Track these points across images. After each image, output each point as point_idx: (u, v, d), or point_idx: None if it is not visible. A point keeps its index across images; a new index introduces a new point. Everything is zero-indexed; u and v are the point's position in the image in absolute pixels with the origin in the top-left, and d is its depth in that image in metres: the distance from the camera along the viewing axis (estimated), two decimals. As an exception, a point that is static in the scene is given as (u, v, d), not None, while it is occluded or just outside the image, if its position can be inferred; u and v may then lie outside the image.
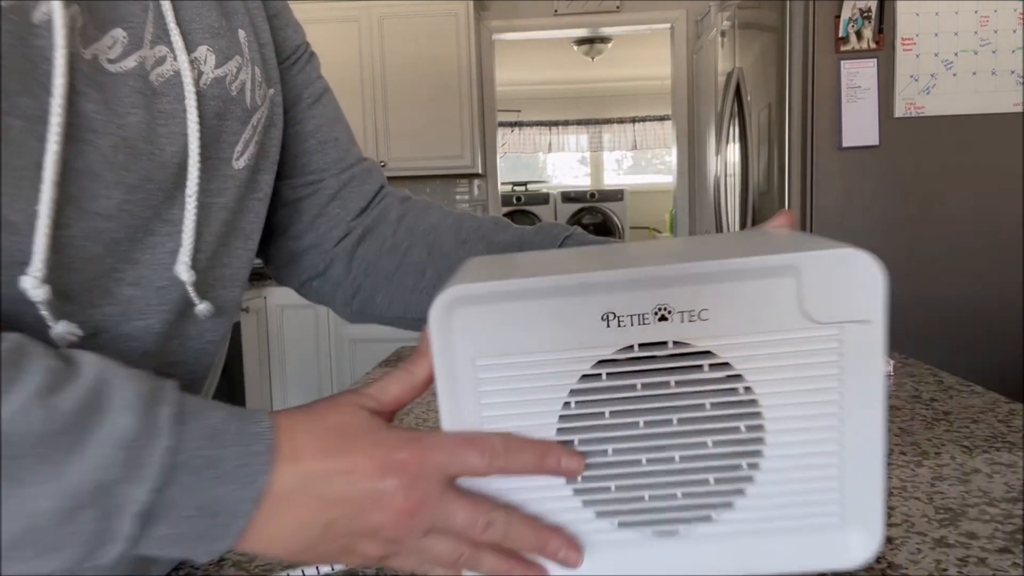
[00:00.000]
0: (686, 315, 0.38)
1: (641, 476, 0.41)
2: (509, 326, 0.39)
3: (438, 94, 3.55)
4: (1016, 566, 0.50)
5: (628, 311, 0.38)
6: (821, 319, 0.38)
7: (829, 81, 2.05)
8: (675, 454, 0.40)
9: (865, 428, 0.39)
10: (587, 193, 6.75)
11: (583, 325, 0.38)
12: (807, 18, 2.06)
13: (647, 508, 0.41)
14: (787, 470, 0.40)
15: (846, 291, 0.37)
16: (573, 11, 3.79)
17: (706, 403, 0.39)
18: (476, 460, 0.38)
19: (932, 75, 2.00)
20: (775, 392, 0.39)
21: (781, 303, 0.38)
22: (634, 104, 7.36)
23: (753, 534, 0.41)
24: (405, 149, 3.58)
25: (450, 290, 0.38)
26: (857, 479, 0.40)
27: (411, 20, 3.52)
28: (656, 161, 7.58)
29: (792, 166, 2.16)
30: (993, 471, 0.68)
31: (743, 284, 0.38)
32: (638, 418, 0.40)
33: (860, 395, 0.39)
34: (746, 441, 0.40)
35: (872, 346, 0.38)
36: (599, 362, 0.39)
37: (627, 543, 0.41)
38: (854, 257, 0.37)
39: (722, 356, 0.39)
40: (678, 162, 3.94)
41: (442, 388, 0.40)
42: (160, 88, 0.44)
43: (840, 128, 2.05)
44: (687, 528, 0.41)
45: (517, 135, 7.48)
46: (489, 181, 3.97)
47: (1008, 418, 0.84)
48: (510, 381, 0.40)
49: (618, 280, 0.38)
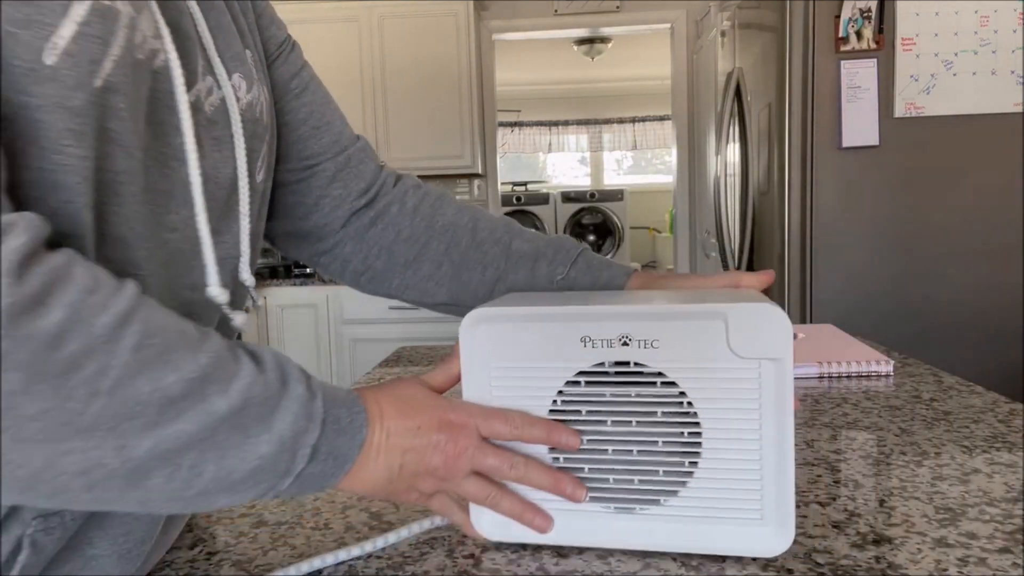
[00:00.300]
0: (642, 343, 0.51)
1: (607, 463, 0.53)
2: (515, 340, 0.54)
3: (438, 94, 3.55)
4: (1016, 566, 0.50)
5: (600, 336, 0.52)
6: (743, 355, 0.50)
7: (829, 81, 2.05)
8: (633, 448, 0.53)
9: (779, 445, 0.50)
10: (587, 193, 6.75)
11: (567, 344, 0.53)
12: (807, 18, 2.06)
13: (611, 488, 0.53)
14: (718, 471, 0.51)
15: (761, 335, 0.49)
16: (573, 11, 3.79)
17: (658, 411, 0.52)
18: (503, 427, 0.51)
19: (932, 75, 2.00)
20: (709, 408, 0.51)
21: (713, 340, 0.50)
22: (634, 104, 7.36)
23: (692, 519, 0.52)
24: (405, 149, 3.58)
25: (477, 311, 0.54)
26: (773, 485, 0.50)
27: (411, 20, 3.52)
28: (656, 161, 7.57)
29: (792, 166, 2.16)
30: (993, 471, 0.68)
31: (685, 323, 0.50)
32: (607, 418, 0.53)
33: (775, 418, 0.50)
34: (687, 444, 0.52)
35: (783, 379, 0.49)
36: (579, 372, 0.53)
37: (595, 515, 0.54)
38: (767, 311, 0.49)
39: (670, 376, 0.51)
40: (678, 162, 3.94)
41: (466, 381, 0.55)
42: (212, 116, 0.49)
43: (840, 128, 2.05)
44: (641, 508, 0.53)
45: (517, 135, 7.47)
46: (489, 181, 3.97)
47: (1008, 418, 0.84)
48: (514, 380, 0.54)
49: (592, 313, 0.52)
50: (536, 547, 0.56)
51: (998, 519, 0.58)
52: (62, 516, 0.42)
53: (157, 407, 0.35)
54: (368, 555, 0.56)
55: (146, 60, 0.41)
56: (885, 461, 0.72)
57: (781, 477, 0.50)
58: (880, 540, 0.55)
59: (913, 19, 1.99)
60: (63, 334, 0.32)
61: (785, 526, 0.51)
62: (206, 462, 0.38)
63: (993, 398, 0.92)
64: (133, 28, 0.40)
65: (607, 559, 0.53)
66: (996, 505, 0.60)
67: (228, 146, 0.50)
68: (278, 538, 0.59)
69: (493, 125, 3.94)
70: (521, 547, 0.56)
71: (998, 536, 0.55)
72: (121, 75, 0.39)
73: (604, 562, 0.53)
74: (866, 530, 0.57)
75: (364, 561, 0.55)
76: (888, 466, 0.70)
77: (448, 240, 0.70)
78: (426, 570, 0.53)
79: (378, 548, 0.56)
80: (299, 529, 0.61)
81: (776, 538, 0.51)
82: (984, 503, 0.61)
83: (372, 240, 0.70)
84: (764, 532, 0.51)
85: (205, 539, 0.60)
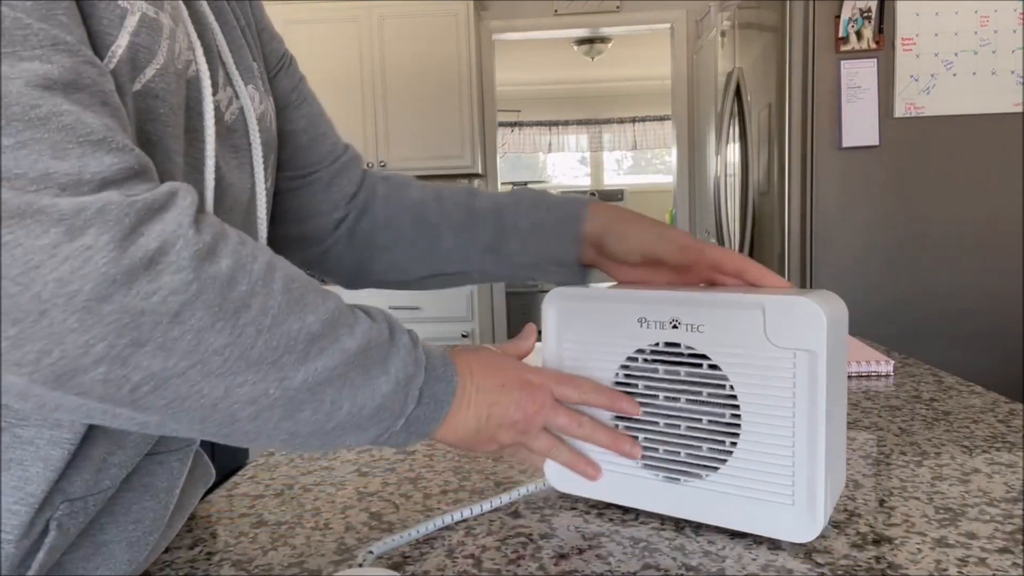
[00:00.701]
0: (690, 326, 0.56)
1: (658, 434, 0.59)
2: (583, 318, 0.61)
3: (438, 94, 3.55)
4: (1016, 566, 0.50)
5: (653, 318, 0.58)
6: (779, 344, 0.52)
7: (829, 81, 2.05)
8: (681, 423, 0.57)
9: (811, 435, 0.52)
10: (587, 193, 6.75)
11: (626, 324, 0.59)
12: (807, 18, 2.06)
13: (660, 457, 0.59)
14: (754, 452, 0.54)
15: (796, 327, 0.52)
16: (573, 11, 3.79)
17: (703, 391, 0.56)
18: (573, 392, 0.57)
19: (932, 75, 2.00)
20: (748, 392, 0.54)
21: (752, 329, 0.53)
22: (634, 104, 7.36)
23: (730, 496, 0.56)
24: (405, 149, 3.58)
25: (553, 291, 0.62)
26: (804, 472, 0.52)
27: (411, 20, 3.52)
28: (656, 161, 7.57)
29: (792, 166, 2.16)
30: (993, 471, 0.68)
31: (727, 311, 0.54)
32: (659, 393, 0.58)
33: (808, 408, 0.52)
34: (729, 424, 0.55)
35: (816, 370, 0.51)
36: (637, 350, 0.59)
37: (645, 481, 0.59)
38: (803, 304, 0.51)
39: (714, 359, 0.55)
40: (678, 162, 3.94)
41: (545, 350, 0.63)
42: (232, 125, 0.51)
43: (840, 128, 2.05)
44: (685, 479, 0.58)
45: (517, 135, 7.47)
46: (489, 181, 3.96)
47: (1008, 418, 0.84)
48: (582, 352, 0.61)
49: (647, 296, 0.58)
50: (536, 547, 0.56)
51: (998, 519, 0.58)
52: (86, 502, 0.44)
53: (304, 343, 0.40)
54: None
55: (183, 70, 0.44)
56: (885, 461, 0.72)
57: (812, 466, 0.52)
58: (880, 540, 0.55)
59: (913, 19, 1.99)
60: (233, 276, 0.37)
61: (814, 514, 0.52)
62: (343, 399, 0.42)
63: (993, 398, 0.92)
64: (173, 39, 0.43)
65: (607, 559, 0.53)
66: (996, 505, 0.60)
67: (246, 154, 0.53)
68: (278, 538, 0.60)
69: (493, 125, 3.94)
70: (521, 547, 0.56)
71: (998, 536, 0.55)
72: (162, 82, 0.42)
73: (604, 562, 0.53)
74: (866, 530, 0.57)
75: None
76: (888, 466, 0.70)
77: (417, 215, 0.73)
78: (426, 570, 0.53)
79: (486, 510, 0.63)
80: (299, 529, 0.61)
81: (805, 525, 0.53)
82: (984, 503, 0.61)
83: (359, 236, 0.74)
84: (794, 517, 0.53)
85: (205, 539, 0.60)
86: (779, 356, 0.52)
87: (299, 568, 0.54)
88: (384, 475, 0.72)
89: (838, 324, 0.54)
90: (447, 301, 3.31)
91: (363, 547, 0.57)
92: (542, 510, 0.63)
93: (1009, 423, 0.82)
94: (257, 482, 0.72)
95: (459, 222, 0.72)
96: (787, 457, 0.53)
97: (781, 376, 0.52)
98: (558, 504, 0.64)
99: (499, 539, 0.57)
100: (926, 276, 2.06)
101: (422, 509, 0.64)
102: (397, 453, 0.78)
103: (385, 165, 3.58)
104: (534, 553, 0.55)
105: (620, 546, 0.55)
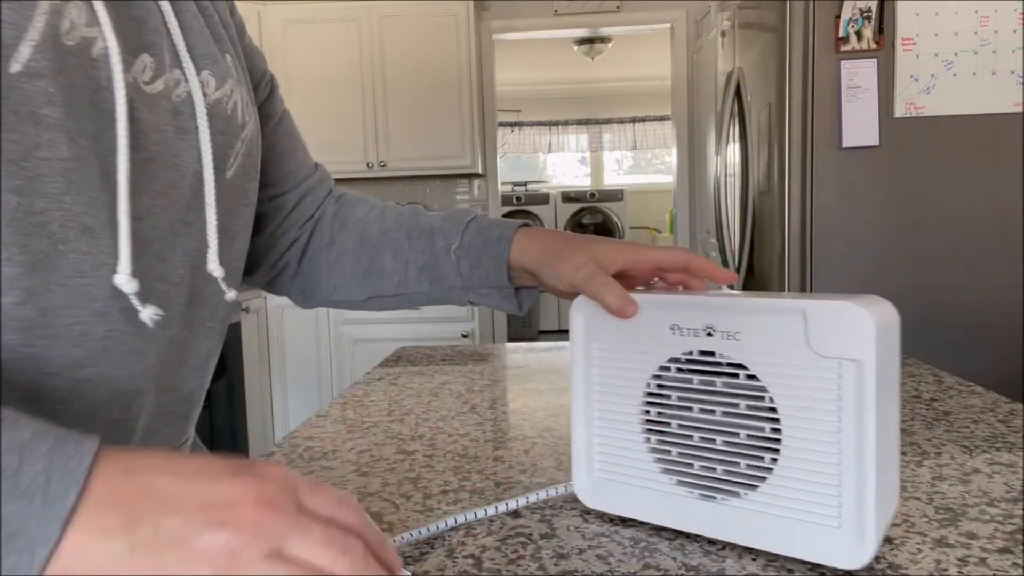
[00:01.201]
0: (725, 334, 0.52)
1: (693, 448, 0.55)
2: (613, 326, 0.57)
3: (438, 94, 3.55)
4: (1016, 566, 0.50)
5: (687, 325, 0.54)
6: (822, 353, 0.48)
7: (829, 81, 2.05)
8: (717, 438, 0.53)
9: (859, 451, 0.48)
10: (587, 193, 6.75)
11: (658, 331, 0.55)
12: (807, 18, 2.06)
13: (696, 474, 0.55)
14: (797, 470, 0.50)
15: (841, 335, 0.47)
16: (573, 11, 3.79)
17: (740, 403, 0.52)
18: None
19: (932, 75, 2.00)
20: (789, 405, 0.50)
21: (792, 337, 0.49)
22: (634, 104, 7.36)
23: (770, 517, 0.51)
24: (405, 149, 3.58)
25: (581, 296, 0.59)
26: (852, 492, 0.48)
27: (411, 20, 3.52)
28: (656, 161, 7.57)
29: (792, 166, 2.16)
30: (993, 471, 0.68)
31: (764, 317, 0.50)
32: (694, 405, 0.54)
33: (855, 423, 0.47)
34: (768, 439, 0.51)
35: (864, 382, 0.47)
36: (670, 359, 0.55)
37: (679, 498, 0.55)
38: (849, 310, 0.47)
39: (752, 369, 0.51)
40: (678, 162, 3.94)
41: (572, 363, 0.60)
42: (178, 107, 0.51)
43: (840, 128, 2.05)
44: (722, 498, 0.53)
45: (517, 135, 7.47)
46: (489, 181, 3.97)
47: (1008, 418, 0.84)
48: (612, 362, 0.58)
49: (680, 302, 0.54)
50: (536, 547, 0.56)
51: (998, 519, 0.58)
52: None
53: None
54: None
55: (78, 47, 0.43)
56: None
57: (861, 486, 0.48)
58: (880, 540, 0.55)
59: (913, 19, 1.99)
60: None
61: (863, 538, 0.48)
62: None
63: (993, 398, 0.92)
64: (59, 14, 0.41)
65: (607, 559, 0.53)
66: (996, 505, 0.60)
67: (193, 136, 0.52)
68: (278, 538, 0.59)
69: (493, 125, 3.94)
70: (521, 547, 0.56)
71: (998, 536, 0.55)
72: (45, 61, 0.40)
73: (604, 562, 0.53)
74: (866, 530, 0.57)
75: (364, 561, 0.55)
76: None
77: (360, 234, 0.73)
78: (426, 570, 0.53)
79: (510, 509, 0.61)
80: (299, 529, 0.61)
81: (853, 550, 0.48)
82: (984, 503, 0.61)
83: (308, 256, 0.75)
84: (841, 541, 0.49)
85: (205, 539, 0.60)
86: (823, 366, 0.48)
87: (299, 568, 0.54)
88: (384, 475, 0.72)
89: (888, 331, 0.50)
90: (447, 301, 3.31)
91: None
92: (542, 510, 0.62)
93: (1009, 423, 0.82)
94: (257, 482, 0.72)
95: (396, 243, 0.72)
96: (833, 476, 0.48)
97: (825, 388, 0.48)
98: (558, 504, 0.64)
99: (499, 539, 0.57)
100: (926, 276, 2.06)
101: (422, 509, 0.64)
102: (397, 453, 0.78)
103: (385, 165, 3.58)
104: (534, 553, 0.55)
105: (620, 546, 0.55)
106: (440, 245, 0.70)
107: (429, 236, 0.71)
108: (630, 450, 0.58)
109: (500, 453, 0.78)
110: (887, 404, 0.50)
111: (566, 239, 0.64)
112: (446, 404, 0.99)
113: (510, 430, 0.86)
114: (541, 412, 0.93)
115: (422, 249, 0.71)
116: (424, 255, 0.71)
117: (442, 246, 0.70)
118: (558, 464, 0.74)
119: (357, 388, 1.09)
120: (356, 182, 3.91)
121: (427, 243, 0.71)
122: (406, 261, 0.71)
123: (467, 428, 0.87)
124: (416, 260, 0.71)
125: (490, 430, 0.86)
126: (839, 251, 2.09)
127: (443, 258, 0.70)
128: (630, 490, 0.58)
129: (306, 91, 3.54)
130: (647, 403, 0.57)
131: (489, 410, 0.95)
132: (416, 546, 0.57)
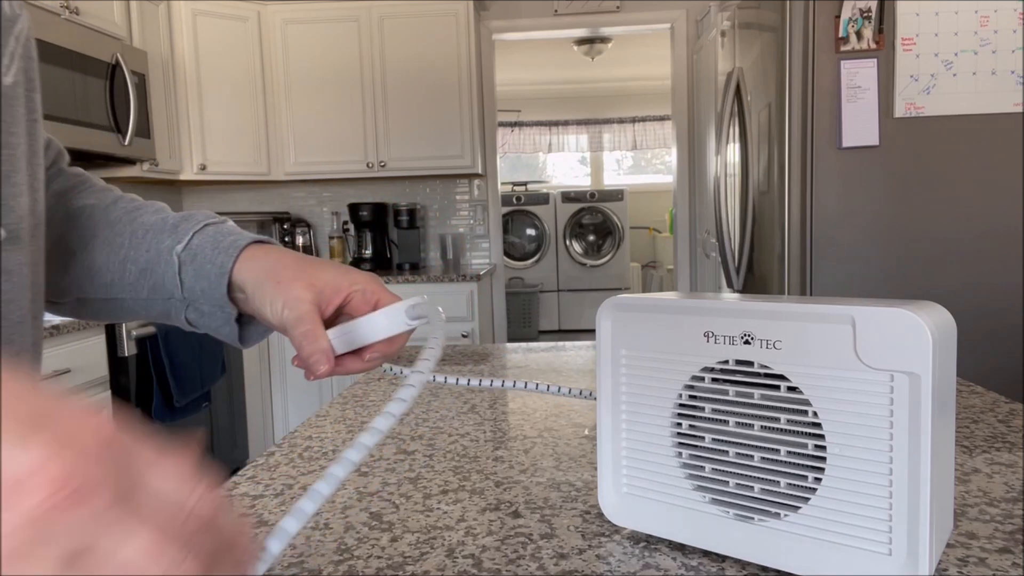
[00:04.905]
0: (764, 342, 0.48)
1: (729, 465, 0.51)
2: (641, 330, 0.54)
3: (438, 94, 3.55)
4: (1016, 566, 0.50)
5: (722, 332, 0.50)
6: (872, 365, 0.44)
7: (829, 81, 2.05)
8: (755, 454, 0.49)
9: (912, 473, 0.44)
10: (587, 193, 6.75)
11: (690, 338, 0.51)
12: (807, 18, 2.06)
13: (731, 492, 0.51)
14: (844, 491, 0.46)
15: (893, 345, 0.43)
16: (573, 11, 3.79)
17: (781, 418, 0.48)
18: None
19: (932, 75, 2.00)
20: (834, 421, 0.46)
21: (838, 346, 0.45)
22: (634, 104, 7.36)
23: (814, 541, 0.47)
24: (405, 149, 3.58)
25: (609, 299, 0.55)
26: (905, 516, 0.44)
27: (411, 20, 3.52)
28: (656, 161, 7.57)
29: (792, 166, 2.16)
30: (993, 471, 0.68)
31: (808, 325, 0.46)
32: (729, 418, 0.50)
33: (909, 441, 0.44)
34: (812, 457, 0.47)
35: (920, 397, 0.43)
36: (704, 368, 0.51)
37: (714, 518, 0.52)
38: (903, 317, 0.43)
39: (794, 381, 0.47)
40: (678, 162, 3.94)
41: (599, 367, 0.56)
42: None
43: (840, 128, 2.05)
44: (760, 519, 0.50)
45: (517, 135, 7.47)
46: (489, 181, 3.96)
47: (1008, 418, 0.84)
48: (641, 370, 0.54)
49: (715, 307, 0.50)
50: (536, 547, 0.56)
51: (998, 519, 0.58)
52: None
53: None
54: (368, 556, 0.56)
55: None
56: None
57: (915, 509, 0.44)
58: (880, 540, 0.55)
59: (913, 19, 1.99)
60: None
61: (916, 565, 0.44)
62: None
63: (993, 398, 0.92)
64: None
65: (607, 559, 0.53)
66: (996, 505, 0.60)
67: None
68: (278, 538, 0.59)
69: (493, 125, 3.94)
70: (521, 547, 0.56)
71: (998, 536, 0.55)
72: None
73: (604, 562, 0.53)
74: (866, 530, 0.57)
75: (364, 561, 0.55)
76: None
77: (83, 225, 0.61)
78: (426, 570, 0.53)
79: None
80: (299, 529, 0.61)
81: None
82: (984, 503, 0.61)
83: None
84: (892, 569, 0.45)
85: (205, 539, 0.60)
86: (873, 379, 0.44)
87: (299, 568, 0.54)
88: (384, 475, 0.72)
89: (946, 340, 0.45)
90: (447, 301, 3.31)
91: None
92: (542, 510, 0.62)
93: (1009, 423, 0.82)
94: (257, 482, 0.72)
95: (120, 240, 0.60)
96: (883, 498, 0.44)
97: (876, 403, 0.44)
98: (558, 504, 0.64)
99: (499, 539, 0.57)
100: (926, 276, 2.06)
101: (422, 509, 0.64)
102: (397, 453, 0.78)
103: (385, 165, 3.58)
104: (534, 553, 0.55)
105: (620, 546, 0.55)
106: (166, 244, 0.59)
107: (157, 233, 0.60)
108: (660, 465, 0.54)
109: (500, 453, 0.78)
110: (943, 420, 0.46)
111: (293, 261, 0.56)
112: (446, 404, 0.99)
113: (510, 430, 0.86)
114: (541, 412, 0.93)
115: (143, 246, 0.59)
116: (142, 253, 0.59)
117: (168, 245, 0.59)
118: (558, 464, 0.74)
119: (357, 388, 1.09)
120: (356, 182, 3.91)
121: (152, 240, 0.60)
122: (124, 259, 0.60)
123: (467, 428, 0.87)
124: (134, 259, 0.59)
125: (490, 430, 0.86)
126: (839, 251, 2.09)
127: (166, 259, 0.59)
128: (660, 508, 0.54)
129: (306, 91, 3.54)
130: (679, 415, 0.53)
131: (489, 410, 0.95)
132: (416, 546, 0.57)
